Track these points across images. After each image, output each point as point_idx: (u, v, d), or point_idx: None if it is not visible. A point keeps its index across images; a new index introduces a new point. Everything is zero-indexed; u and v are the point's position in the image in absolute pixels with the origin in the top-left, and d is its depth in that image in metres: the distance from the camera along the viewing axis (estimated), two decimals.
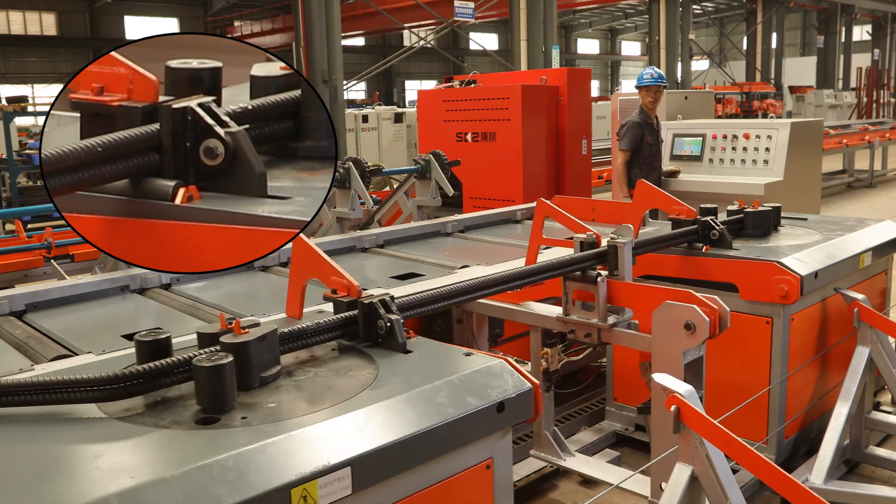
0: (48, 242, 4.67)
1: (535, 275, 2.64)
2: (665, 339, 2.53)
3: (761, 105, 26.39)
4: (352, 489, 1.44)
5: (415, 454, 1.57)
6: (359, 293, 2.04)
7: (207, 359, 1.57)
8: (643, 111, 6.28)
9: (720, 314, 2.48)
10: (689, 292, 2.52)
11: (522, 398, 1.76)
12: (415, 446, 1.55)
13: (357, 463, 1.45)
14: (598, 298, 2.74)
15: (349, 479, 1.43)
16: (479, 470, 1.73)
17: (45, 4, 31.09)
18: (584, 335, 2.82)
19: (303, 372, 1.82)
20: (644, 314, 2.66)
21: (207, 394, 1.56)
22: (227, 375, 1.56)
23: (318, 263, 2.18)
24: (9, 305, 3.00)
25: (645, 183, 3.68)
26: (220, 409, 1.55)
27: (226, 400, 1.56)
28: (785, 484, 1.92)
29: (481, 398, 1.70)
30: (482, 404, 1.68)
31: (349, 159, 4.64)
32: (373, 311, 1.95)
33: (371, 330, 1.95)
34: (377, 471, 1.50)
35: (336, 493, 1.41)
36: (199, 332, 1.77)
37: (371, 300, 1.97)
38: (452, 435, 1.63)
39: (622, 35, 49.80)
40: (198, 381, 1.57)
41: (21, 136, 14.81)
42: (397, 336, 1.92)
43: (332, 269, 2.14)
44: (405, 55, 19.43)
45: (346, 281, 2.07)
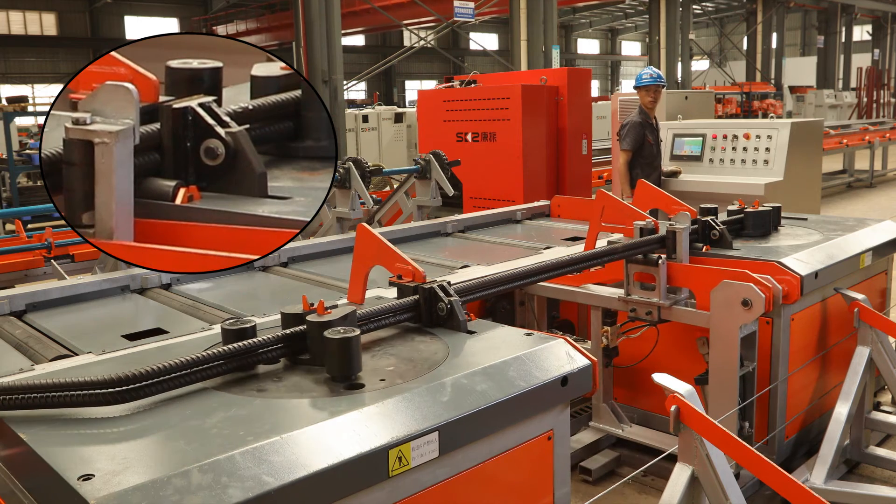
0: (48, 242, 4.67)
1: (601, 257, 2.88)
2: (723, 314, 2.83)
3: (761, 105, 26.38)
4: (438, 452, 1.57)
5: (490, 423, 1.69)
6: (423, 278, 2.17)
7: (339, 332, 1.70)
8: (643, 111, 6.28)
9: (774, 292, 2.82)
10: (745, 272, 2.81)
11: (583, 373, 1.90)
12: (490, 416, 1.68)
13: (444, 429, 1.58)
14: (658, 279, 3.02)
15: (436, 444, 1.57)
16: (542, 441, 1.85)
17: (45, 4, 31.08)
18: (645, 313, 3.10)
19: (381, 349, 1.94)
20: (701, 293, 2.95)
21: (339, 362, 1.69)
22: (356, 345, 1.70)
23: (383, 251, 2.29)
24: (9, 305, 3.00)
25: (645, 183, 3.69)
26: (348, 377, 1.70)
27: (354, 367, 1.71)
28: (785, 484, 1.92)
29: (547, 373, 1.82)
30: (548, 378, 1.81)
31: (349, 159, 4.64)
32: (433, 294, 2.08)
33: (432, 312, 2.08)
34: (459, 437, 1.62)
35: (425, 455, 1.55)
36: (283, 312, 1.87)
37: (431, 285, 2.09)
38: (521, 406, 1.76)
39: (622, 35, 49.78)
40: (330, 351, 1.69)
41: (21, 136, 14.80)
42: (457, 316, 2.04)
43: (396, 257, 2.25)
44: (405, 55, 19.42)
45: (410, 267, 2.20)
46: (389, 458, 1.49)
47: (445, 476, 1.64)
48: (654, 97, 6.29)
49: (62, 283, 3.32)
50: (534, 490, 1.88)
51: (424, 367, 1.78)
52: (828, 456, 3.05)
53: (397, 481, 1.53)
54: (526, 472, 1.85)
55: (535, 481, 1.87)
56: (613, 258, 2.95)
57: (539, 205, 5.32)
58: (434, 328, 2.07)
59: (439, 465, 1.60)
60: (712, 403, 2.90)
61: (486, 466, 1.73)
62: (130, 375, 1.54)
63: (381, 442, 1.48)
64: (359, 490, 1.47)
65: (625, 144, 6.20)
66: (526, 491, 1.86)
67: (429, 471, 1.59)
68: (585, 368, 1.90)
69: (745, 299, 2.76)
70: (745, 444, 1.98)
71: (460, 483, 1.67)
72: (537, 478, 1.87)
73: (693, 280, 3.01)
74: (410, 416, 1.57)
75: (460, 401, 1.65)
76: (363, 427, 1.51)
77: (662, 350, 3.25)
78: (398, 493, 1.55)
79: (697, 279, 2.98)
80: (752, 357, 2.93)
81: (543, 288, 3.42)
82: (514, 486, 1.83)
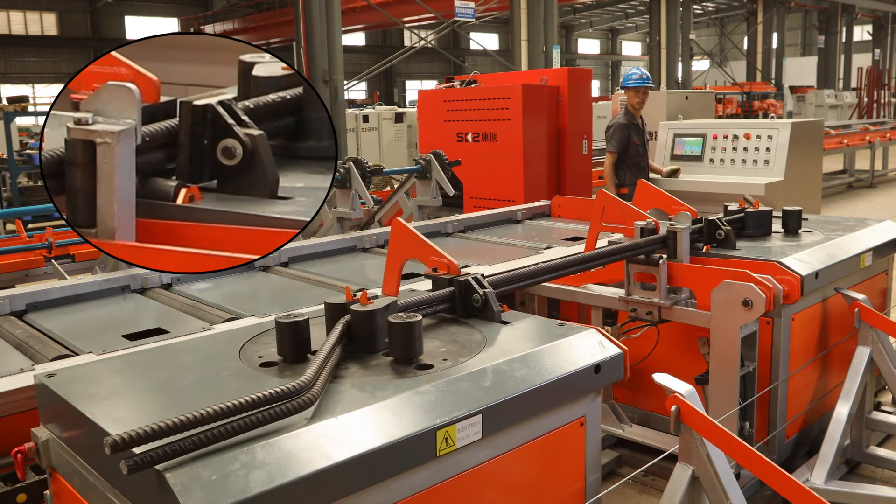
0: (49, 242, 4.67)
1: (605, 257, 2.89)
2: (724, 314, 2.82)
3: (762, 105, 26.36)
4: (481, 435, 1.62)
5: (528, 408, 1.75)
6: (458, 270, 2.23)
7: (401, 318, 1.77)
8: (629, 112, 6.32)
9: (774, 292, 2.82)
10: (746, 272, 2.80)
11: (615, 361, 1.95)
12: (528, 401, 1.74)
13: (487, 412, 1.63)
14: (659, 279, 3.01)
15: (480, 426, 1.62)
16: (575, 426, 1.90)
17: (45, 4, 31.08)
18: (645, 313, 3.09)
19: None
20: (702, 293, 2.94)
21: (403, 345, 1.76)
22: (418, 330, 1.77)
23: (418, 245, 2.36)
24: (9, 305, 3.00)
25: (645, 183, 3.69)
26: (411, 360, 1.76)
27: (415, 350, 1.77)
28: (786, 484, 1.92)
29: (580, 361, 1.88)
30: (582, 366, 1.87)
31: (350, 159, 4.64)
32: (468, 286, 2.13)
33: (467, 303, 2.13)
34: (499, 421, 1.68)
35: (469, 437, 1.60)
36: (326, 302, 1.91)
37: (466, 277, 2.15)
38: (557, 393, 1.82)
39: (623, 35, 49.77)
40: (394, 335, 1.77)
41: (22, 136, 14.81)
42: (492, 307, 2.09)
43: (431, 250, 2.32)
44: (406, 55, 19.41)
45: (445, 260, 2.26)
46: (437, 439, 1.54)
47: (485, 458, 1.69)
48: (642, 98, 6.33)
49: (62, 282, 3.32)
50: (566, 475, 1.92)
51: (464, 354, 1.84)
52: (828, 456, 3.05)
53: (442, 462, 1.58)
54: (559, 458, 1.90)
55: (567, 466, 1.92)
56: (618, 258, 2.96)
57: (539, 205, 5.32)
58: (468, 319, 2.12)
59: (480, 447, 1.66)
60: (713, 403, 2.90)
61: (522, 450, 1.78)
62: (303, 382, 1.50)
63: (431, 423, 1.54)
64: (408, 469, 1.53)
65: (610, 146, 6.25)
66: (559, 476, 1.90)
67: (470, 453, 1.64)
68: (617, 357, 1.96)
69: (746, 299, 2.76)
70: (745, 444, 1.98)
71: (498, 466, 1.73)
72: (570, 463, 1.92)
73: (694, 280, 3.01)
74: (456, 399, 1.62)
75: (501, 386, 1.70)
76: (423, 406, 1.57)
77: (663, 350, 3.25)
78: (442, 474, 1.60)
79: (698, 279, 2.98)
80: (752, 357, 2.93)
81: (544, 288, 3.42)
82: (548, 470, 1.88)
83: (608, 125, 6.40)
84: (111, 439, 1.24)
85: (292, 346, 1.78)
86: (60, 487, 1.74)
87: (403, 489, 1.53)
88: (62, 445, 1.68)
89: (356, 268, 3.95)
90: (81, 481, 1.61)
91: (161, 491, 1.28)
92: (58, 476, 1.74)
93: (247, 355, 1.87)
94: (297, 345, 1.78)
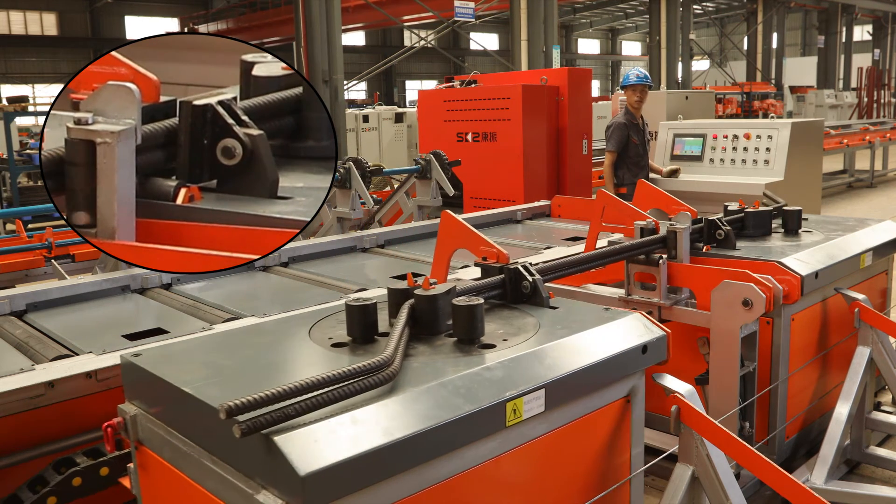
0: (49, 242, 4.67)
1: (605, 257, 2.91)
2: (724, 314, 2.83)
3: (762, 105, 26.37)
4: (544, 408, 1.73)
5: (582, 385, 1.86)
6: (507, 259, 2.33)
7: (465, 301, 1.88)
8: (628, 111, 6.31)
9: (774, 292, 2.83)
10: (746, 272, 2.80)
11: (660, 342, 2.05)
12: (583, 378, 1.85)
13: (549, 386, 1.74)
14: (659, 279, 3.01)
15: (542, 400, 1.73)
16: (622, 403, 2.01)
17: (45, 4, 31.09)
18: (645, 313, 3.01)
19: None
20: (702, 293, 2.95)
21: (466, 326, 1.86)
22: (481, 312, 1.87)
23: (467, 235, 2.50)
24: (9, 305, 3.00)
25: (645, 183, 3.69)
26: (473, 340, 1.86)
27: (478, 331, 1.87)
28: (785, 484, 1.92)
29: (628, 341, 1.99)
30: (630, 346, 1.98)
31: (350, 159, 4.64)
32: (517, 273, 2.24)
33: (517, 290, 2.24)
34: (559, 395, 1.79)
35: (533, 409, 1.71)
36: (389, 288, 2.02)
37: (515, 265, 2.26)
38: (608, 370, 1.93)
39: (623, 35, 49.78)
40: (458, 317, 1.87)
41: (22, 136, 14.81)
42: (541, 292, 2.20)
43: (480, 240, 2.44)
44: (405, 55, 19.42)
45: (495, 249, 2.37)
46: (507, 410, 1.65)
47: (544, 431, 1.80)
48: (641, 97, 6.32)
49: (62, 282, 3.32)
50: (613, 448, 2.03)
51: (521, 335, 1.94)
52: (828, 456, 3.05)
53: (509, 432, 1.69)
54: (608, 432, 2.00)
55: (614, 440, 2.02)
56: (619, 258, 2.97)
57: (539, 205, 5.33)
58: (518, 304, 2.22)
59: (540, 420, 1.76)
60: (713, 403, 2.90)
61: (576, 425, 1.89)
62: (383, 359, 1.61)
63: (501, 396, 1.64)
64: (480, 439, 1.63)
65: (610, 146, 6.25)
66: (607, 448, 2.01)
67: (531, 425, 1.75)
68: (661, 338, 2.05)
69: (746, 299, 2.76)
70: (745, 445, 1.98)
71: (553, 439, 1.83)
72: (617, 437, 2.03)
73: (694, 280, 3.01)
74: (521, 374, 1.73)
75: (560, 363, 1.82)
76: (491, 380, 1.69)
77: None
78: (507, 444, 1.71)
79: (698, 279, 2.98)
80: (752, 357, 2.93)
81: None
82: (597, 443, 1.98)
83: (608, 125, 6.40)
84: (226, 405, 1.35)
85: (362, 327, 1.88)
86: (147, 460, 1.82)
87: (474, 457, 1.65)
88: (152, 419, 1.77)
89: (356, 268, 3.95)
90: (173, 452, 1.70)
91: (269, 454, 1.39)
92: (145, 449, 1.82)
93: (315, 337, 1.97)
94: (366, 327, 1.89)
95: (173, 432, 1.70)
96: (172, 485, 1.72)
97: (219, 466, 1.55)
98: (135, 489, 1.90)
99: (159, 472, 1.77)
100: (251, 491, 1.44)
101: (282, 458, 1.36)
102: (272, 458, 1.38)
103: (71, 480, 1.94)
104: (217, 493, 1.57)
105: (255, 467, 1.45)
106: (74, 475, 1.95)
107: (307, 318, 2.13)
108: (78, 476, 1.95)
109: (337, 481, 1.38)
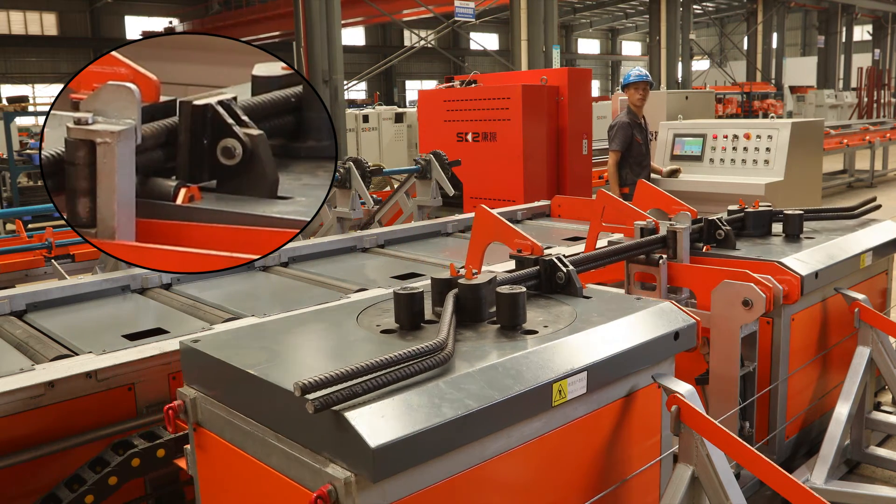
0: (49, 242, 4.67)
1: (605, 257, 2.93)
2: (724, 314, 2.84)
3: (762, 105, 26.36)
4: (586, 389, 1.82)
5: (621, 367, 1.95)
6: (542, 251, 2.43)
7: (508, 289, 1.96)
8: (631, 111, 6.30)
9: (774, 292, 2.85)
10: (746, 272, 2.81)
11: (690, 329, 2.15)
12: (621, 361, 1.94)
13: (591, 369, 1.83)
14: (659, 279, 3.02)
15: (585, 382, 1.82)
16: (653, 387, 2.09)
17: (45, 4, 31.07)
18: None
19: None
20: (702, 293, 2.96)
21: (510, 313, 1.94)
22: (523, 300, 1.96)
23: (502, 229, 2.60)
24: (9, 305, 3.00)
25: (645, 183, 3.69)
26: (516, 326, 1.94)
27: (521, 318, 1.95)
28: (786, 484, 1.92)
29: (662, 328, 2.08)
30: (663, 332, 2.07)
31: (350, 159, 4.64)
32: (552, 265, 2.32)
33: (552, 280, 2.32)
34: (600, 378, 1.87)
35: (577, 390, 1.80)
36: (433, 277, 2.09)
37: (549, 257, 2.35)
38: (643, 355, 2.02)
39: (623, 35, 49.77)
40: (502, 304, 1.95)
41: (22, 136, 14.80)
42: (575, 282, 2.28)
43: (514, 233, 2.53)
44: (405, 55, 19.40)
45: (529, 242, 2.47)
46: (553, 391, 1.74)
47: (584, 412, 1.88)
48: (643, 95, 6.30)
49: (62, 282, 3.32)
50: (645, 429, 2.11)
51: (560, 322, 2.03)
52: (828, 456, 3.05)
53: (554, 413, 1.78)
54: (641, 414, 2.07)
55: (647, 422, 2.11)
56: (621, 257, 2.97)
57: (539, 205, 5.32)
58: (553, 294, 2.31)
59: (581, 402, 1.85)
60: (713, 403, 2.90)
61: (613, 406, 1.97)
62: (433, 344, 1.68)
63: (547, 377, 1.74)
64: (527, 418, 1.73)
65: (613, 145, 6.23)
66: (640, 430, 2.09)
67: (573, 406, 1.84)
68: (692, 325, 2.14)
69: (746, 299, 2.76)
70: (745, 445, 1.98)
71: (593, 420, 1.92)
72: (649, 419, 2.11)
73: (694, 280, 3.01)
74: (564, 358, 1.82)
75: (600, 348, 1.90)
76: (537, 363, 1.77)
77: None
78: (551, 424, 1.80)
79: (698, 279, 2.98)
80: (752, 357, 2.93)
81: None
82: (632, 425, 2.06)
83: (611, 124, 6.38)
84: (301, 383, 1.43)
85: (410, 315, 1.96)
86: (207, 441, 1.89)
87: (521, 436, 1.73)
88: (213, 402, 1.84)
89: (356, 268, 3.95)
90: (234, 432, 1.77)
91: (338, 429, 1.47)
92: (204, 431, 1.89)
93: (364, 324, 2.05)
94: (413, 314, 1.96)
95: (235, 412, 1.76)
96: (233, 464, 1.79)
97: (284, 444, 1.62)
98: (191, 469, 1.96)
99: (219, 453, 1.84)
100: (318, 465, 1.51)
101: (353, 432, 1.43)
102: (342, 433, 1.46)
103: (130, 461, 2.06)
104: (282, 470, 1.63)
105: (324, 442, 1.52)
106: (133, 456, 2.06)
107: (349, 308, 2.20)
108: (137, 457, 2.06)
109: (402, 455, 1.46)
